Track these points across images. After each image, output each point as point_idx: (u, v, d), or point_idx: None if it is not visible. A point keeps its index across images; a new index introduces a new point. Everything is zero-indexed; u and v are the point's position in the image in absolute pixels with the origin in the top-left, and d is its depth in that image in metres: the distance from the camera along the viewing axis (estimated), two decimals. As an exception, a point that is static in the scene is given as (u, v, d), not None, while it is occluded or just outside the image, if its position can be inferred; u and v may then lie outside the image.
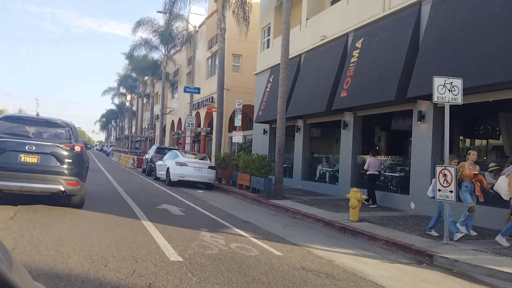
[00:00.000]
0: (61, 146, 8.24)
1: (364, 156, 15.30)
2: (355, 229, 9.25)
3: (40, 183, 7.93)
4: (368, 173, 13.38)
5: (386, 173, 14.55)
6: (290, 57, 20.67)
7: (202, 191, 16.91)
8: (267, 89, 22.06)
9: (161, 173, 19.47)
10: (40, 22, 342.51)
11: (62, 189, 8.07)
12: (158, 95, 53.71)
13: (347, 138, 15.75)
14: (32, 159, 7.94)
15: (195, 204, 12.02)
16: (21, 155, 7.87)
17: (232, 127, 34.32)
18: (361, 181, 15.44)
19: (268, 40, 23.75)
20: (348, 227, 9.47)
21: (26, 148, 7.90)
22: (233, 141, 19.77)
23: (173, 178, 17.56)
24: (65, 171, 8.15)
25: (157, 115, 51.19)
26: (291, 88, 19.44)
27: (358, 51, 14.88)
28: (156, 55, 45.82)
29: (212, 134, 35.46)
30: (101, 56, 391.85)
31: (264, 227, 9.16)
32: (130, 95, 69.59)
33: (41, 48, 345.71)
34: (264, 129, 22.78)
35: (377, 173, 13.36)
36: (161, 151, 23.40)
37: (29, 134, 8.71)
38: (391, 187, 14.20)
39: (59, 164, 8.14)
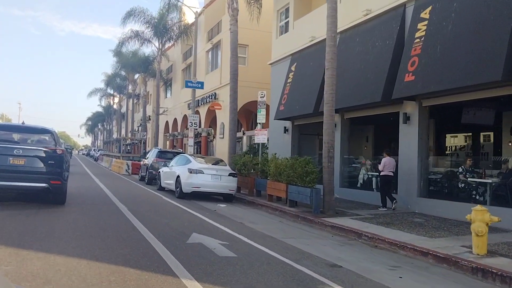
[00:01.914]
0: (44, 149, 9.24)
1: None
2: (506, 273, 5.93)
3: (28, 182, 8.94)
4: (382, 174, 12.22)
5: (467, 178, 11.30)
6: (317, 40, 17.47)
7: (224, 205, 13.46)
8: (289, 80, 18.71)
9: (167, 182, 15.96)
10: (22, 26, 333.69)
11: (46, 186, 9.07)
12: (150, 94, 50.01)
13: (409, 135, 12.46)
14: (20, 161, 8.95)
15: (233, 230, 8.59)
16: (10, 158, 8.88)
17: (249, 125, 30.98)
18: (433, 190, 12.22)
19: (286, 23, 20.39)
20: (490, 269, 6.13)
21: (15, 152, 8.91)
22: (255, 141, 16.35)
23: (186, 189, 14.07)
24: (48, 171, 9.12)
25: (149, 116, 47.49)
26: (323, 77, 16.12)
27: (425, 23, 11.62)
28: (148, 50, 42.23)
29: (211, 134, 32.02)
30: (85, 59, 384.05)
31: (367, 274, 5.80)
32: (118, 96, 65.58)
33: (23, 52, 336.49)
34: (285, 127, 19.41)
35: (391, 174, 12.21)
36: (164, 156, 19.84)
37: (16, 140, 9.66)
38: (477, 197, 10.94)
39: (43, 165, 9.11)
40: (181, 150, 22.89)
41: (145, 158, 22.45)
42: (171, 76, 42.91)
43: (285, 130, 19.44)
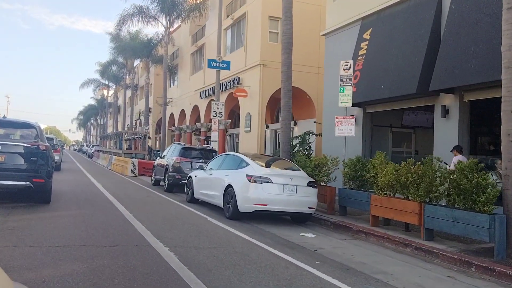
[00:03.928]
0: (26, 145, 8.74)
1: None
2: None
3: (8, 180, 8.41)
4: None
5: None
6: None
7: (310, 234, 8.53)
8: (361, 52, 13.82)
9: (206, 193, 11.05)
10: (11, 19, 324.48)
11: (28, 185, 8.54)
12: (150, 84, 44.77)
13: None
14: None
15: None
16: None
17: (274, 117, 25.98)
18: None
19: (351, -21, 15.47)
20: None
21: None
22: (336, 134, 11.34)
23: (244, 206, 9.16)
24: (31, 168, 8.64)
25: (150, 108, 42.47)
26: (428, 45, 11.29)
27: None
28: (151, 32, 36.98)
29: (225, 127, 27.04)
30: (76, 53, 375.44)
31: None
32: (114, 87, 60.10)
33: (12, 46, 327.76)
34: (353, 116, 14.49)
35: None
36: (189, 154, 14.89)
37: None
38: None
39: (24, 162, 8.62)
40: (211, 146, 17.94)
41: (160, 157, 17.45)
42: (177, 62, 37.80)
43: (352, 120, 14.53)
